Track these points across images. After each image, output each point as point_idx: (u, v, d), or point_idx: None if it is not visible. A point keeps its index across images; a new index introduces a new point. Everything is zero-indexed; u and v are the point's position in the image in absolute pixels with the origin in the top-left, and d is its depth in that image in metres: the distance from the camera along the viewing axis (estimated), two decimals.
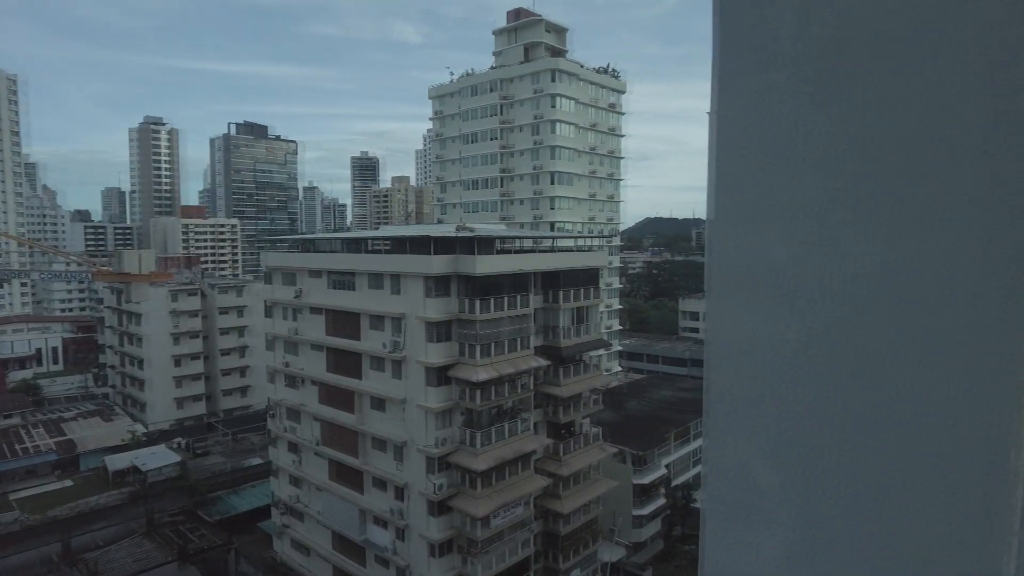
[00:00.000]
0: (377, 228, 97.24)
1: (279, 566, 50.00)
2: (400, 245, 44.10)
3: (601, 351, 53.78)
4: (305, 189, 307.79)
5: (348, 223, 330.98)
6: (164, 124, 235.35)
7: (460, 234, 39.25)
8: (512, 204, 75.65)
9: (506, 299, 38.29)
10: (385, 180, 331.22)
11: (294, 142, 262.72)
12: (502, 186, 76.17)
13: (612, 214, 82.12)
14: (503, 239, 47.64)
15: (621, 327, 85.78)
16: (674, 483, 52.03)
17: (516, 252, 47.40)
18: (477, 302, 36.60)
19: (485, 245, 40.46)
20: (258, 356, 73.98)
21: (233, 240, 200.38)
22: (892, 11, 0.73)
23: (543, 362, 40.31)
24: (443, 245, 38.58)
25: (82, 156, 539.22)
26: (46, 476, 62.89)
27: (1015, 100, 0.68)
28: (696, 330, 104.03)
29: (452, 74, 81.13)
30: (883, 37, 0.75)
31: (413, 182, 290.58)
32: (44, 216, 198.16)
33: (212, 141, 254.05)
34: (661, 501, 50.48)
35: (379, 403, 40.05)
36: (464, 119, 78.80)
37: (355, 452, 41.71)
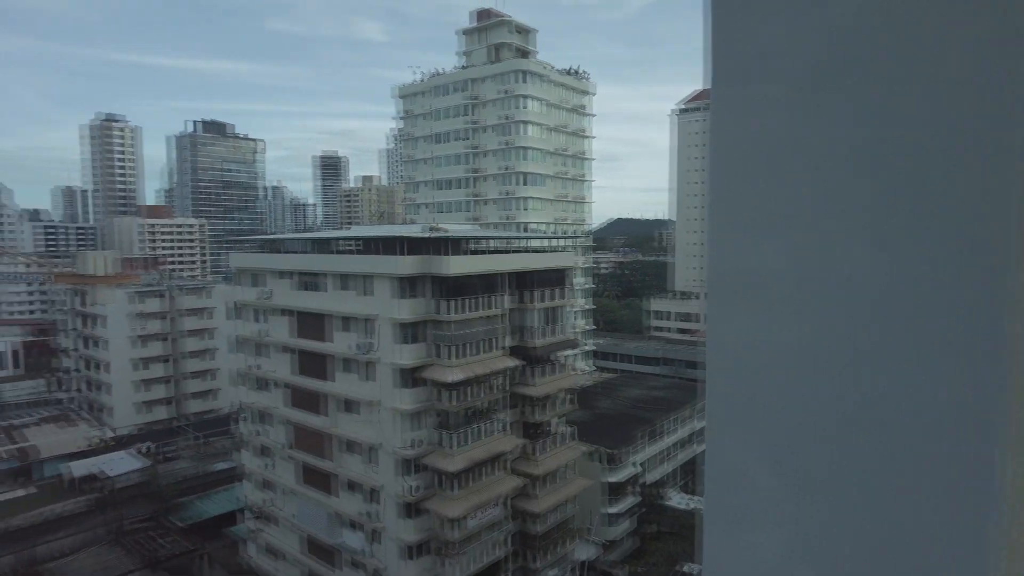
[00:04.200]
0: (345, 228, 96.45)
1: (249, 571, 49.35)
2: (370, 245, 43.85)
3: (572, 351, 54.25)
4: (272, 188, 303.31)
5: (315, 223, 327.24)
6: (122, 121, 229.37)
7: (431, 234, 39.24)
8: (482, 204, 75.71)
9: (478, 300, 38.40)
10: (351, 179, 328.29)
11: (258, 140, 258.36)
12: (472, 186, 76.17)
13: (581, 215, 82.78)
14: (474, 239, 47.73)
15: (592, 327, 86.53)
16: (646, 481, 52.74)
17: (487, 253, 47.51)
18: (449, 303, 36.64)
19: (456, 245, 40.52)
20: (226, 359, 72.69)
21: (199, 241, 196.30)
22: (881, 24, 0.76)
23: (516, 362, 40.54)
24: (414, 245, 38.51)
25: (33, 153, 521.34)
26: (5, 484, 60.96)
27: (1005, 107, 0.69)
28: (665, 329, 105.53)
29: (418, 74, 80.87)
30: (873, 49, 0.78)
31: (381, 182, 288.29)
32: None
33: (171, 139, 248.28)
34: (633, 499, 51.14)
35: (350, 405, 39.83)
36: (432, 119, 78.54)
37: (328, 455, 41.40)
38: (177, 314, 77.01)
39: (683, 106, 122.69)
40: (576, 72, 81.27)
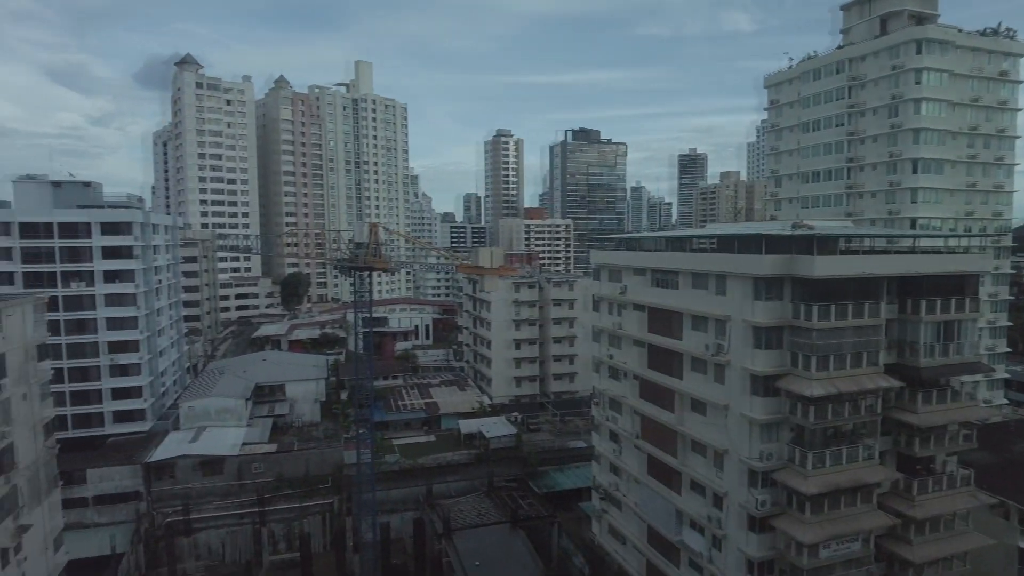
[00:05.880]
0: (702, 226, 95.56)
1: (595, 548, 52.61)
2: (726, 244, 42.36)
3: (975, 376, 44.17)
4: (631, 189, 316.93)
5: (672, 221, 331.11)
6: (510, 135, 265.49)
7: (796, 232, 36.01)
8: (860, 198, 66.88)
9: (849, 306, 33.92)
10: (711, 177, 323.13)
11: (622, 144, 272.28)
12: (847, 177, 67.90)
13: (1000, 207, 66.82)
14: (848, 238, 42.32)
15: (1009, 350, 69.37)
16: None
17: (864, 253, 41.69)
18: (814, 308, 33.16)
19: (825, 244, 36.44)
20: (584, 346, 78.87)
21: (567, 238, 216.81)
22: None
23: (894, 383, 34.72)
24: (775, 244, 35.87)
25: (447, 167, 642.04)
26: (416, 430, 76.50)
27: None
28: None
29: (791, 60, 74.95)
30: None
31: (742, 177, 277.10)
32: (421, 218, 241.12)
33: (549, 148, 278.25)
34: None
35: (699, 406, 39.19)
36: (803, 106, 72.18)
37: (673, 451, 41.56)
38: (545, 303, 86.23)
39: None
40: (996, 31, 65.69)
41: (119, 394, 68.99)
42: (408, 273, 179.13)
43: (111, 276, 68.07)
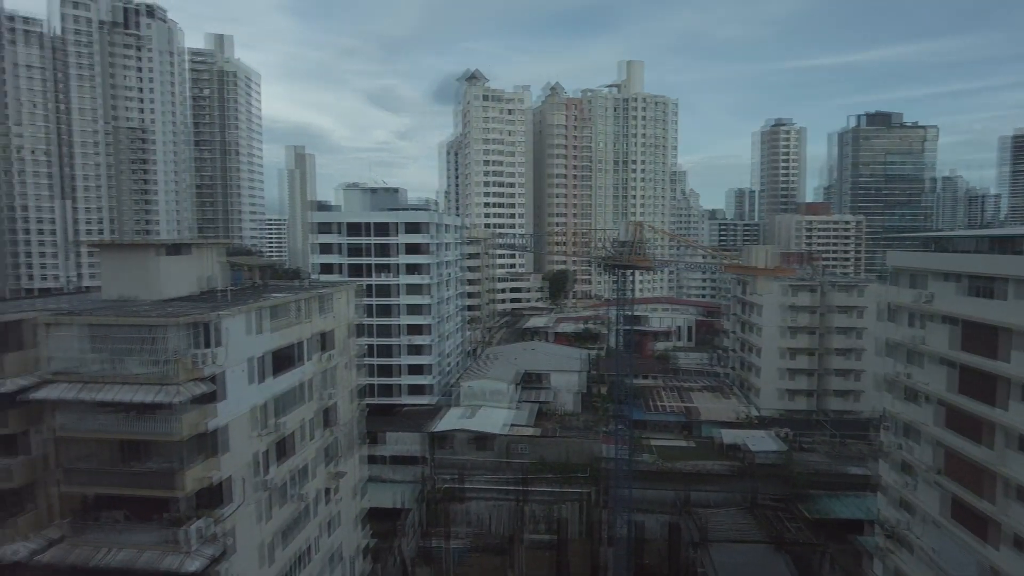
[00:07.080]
0: None
1: None
2: None
3: None
4: (942, 179, 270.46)
5: (997, 217, 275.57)
6: (788, 124, 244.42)
7: None
8: None
9: None
10: None
11: (929, 127, 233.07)
12: None
13: None
14: None
15: None
16: None
17: None
18: None
19: None
20: (873, 361, 69.56)
21: (855, 237, 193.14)
22: None
23: None
24: None
25: (715, 161, 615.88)
26: (672, 433, 74.92)
27: None
28: None
29: None
30: None
31: None
32: (685, 215, 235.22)
33: (834, 136, 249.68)
34: None
35: None
36: None
37: (985, 494, 34.44)
38: (827, 310, 77.78)
39: None
40: None
41: (412, 370, 79.66)
42: (670, 272, 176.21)
43: (409, 268, 78.80)
